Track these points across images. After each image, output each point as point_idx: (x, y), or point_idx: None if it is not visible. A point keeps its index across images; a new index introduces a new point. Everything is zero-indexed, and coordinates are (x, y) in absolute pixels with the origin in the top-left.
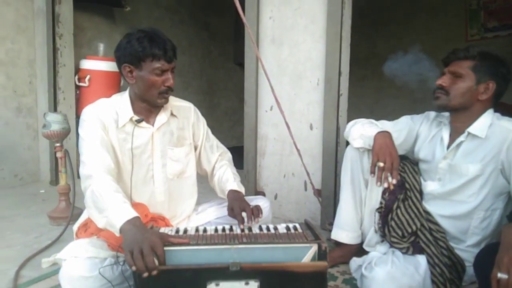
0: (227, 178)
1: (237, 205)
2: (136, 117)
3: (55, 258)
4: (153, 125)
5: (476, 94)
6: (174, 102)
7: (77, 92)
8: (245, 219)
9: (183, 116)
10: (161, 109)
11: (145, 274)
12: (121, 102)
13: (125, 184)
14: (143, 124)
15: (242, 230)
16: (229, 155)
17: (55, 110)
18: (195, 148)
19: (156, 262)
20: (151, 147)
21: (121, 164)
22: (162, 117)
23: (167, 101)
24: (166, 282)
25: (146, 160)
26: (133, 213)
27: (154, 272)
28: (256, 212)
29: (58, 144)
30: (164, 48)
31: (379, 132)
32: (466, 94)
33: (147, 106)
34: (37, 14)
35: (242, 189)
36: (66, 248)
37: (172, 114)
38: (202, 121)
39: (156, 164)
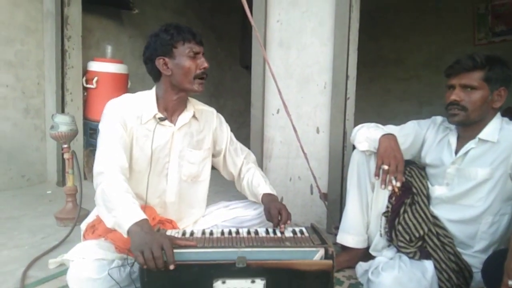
0: (258, 182)
1: (273, 207)
2: (159, 115)
3: (62, 259)
4: (175, 124)
5: (491, 103)
6: (197, 105)
7: (85, 93)
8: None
9: (205, 120)
10: (184, 109)
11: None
12: (147, 98)
13: (142, 182)
14: (165, 122)
15: (267, 232)
16: (253, 156)
17: (62, 111)
18: (219, 153)
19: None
20: (170, 145)
21: (139, 161)
22: (184, 117)
23: (203, 88)
24: (174, 280)
25: (163, 158)
26: (142, 215)
27: (172, 267)
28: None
29: (65, 146)
30: (191, 31)
31: (384, 135)
32: (483, 106)
33: (179, 100)
34: (46, 16)
35: (273, 191)
36: (74, 249)
37: (194, 117)
38: (226, 126)
39: (172, 163)
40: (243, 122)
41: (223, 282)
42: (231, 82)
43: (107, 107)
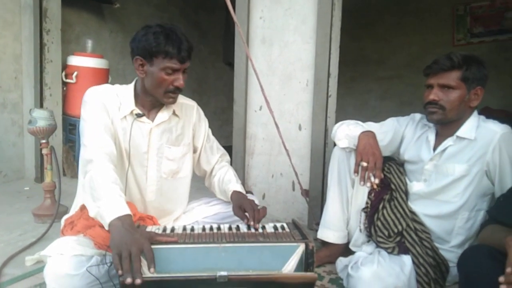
0: (229, 179)
1: (248, 203)
2: (137, 111)
3: (40, 254)
4: (153, 120)
5: (468, 102)
6: (178, 99)
7: (64, 88)
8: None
9: (185, 114)
10: (164, 106)
11: (128, 280)
12: (125, 92)
13: (120, 179)
14: (143, 119)
15: (249, 228)
16: (228, 157)
17: (41, 106)
18: (196, 149)
19: (145, 264)
20: (147, 142)
21: (118, 156)
22: (163, 114)
23: (175, 101)
24: None
25: (141, 155)
26: (126, 210)
27: (138, 281)
28: (263, 213)
29: (44, 141)
30: (178, 47)
31: (363, 132)
32: (460, 105)
33: (153, 101)
34: (24, 9)
35: (243, 191)
36: (52, 245)
37: (174, 114)
38: (204, 121)
39: (151, 160)
40: (226, 119)
41: None
42: (214, 80)
43: (89, 94)
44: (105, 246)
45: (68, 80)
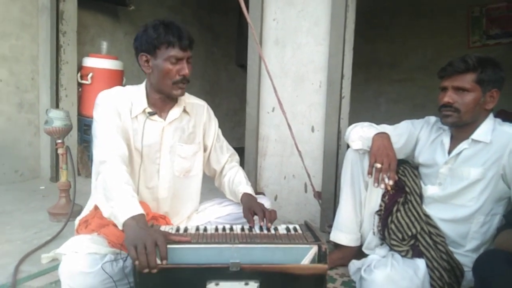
0: (240, 181)
1: (257, 205)
2: (149, 109)
3: (55, 252)
4: (165, 119)
5: (483, 105)
6: (188, 99)
7: (79, 89)
8: (257, 220)
9: (196, 113)
10: (175, 104)
11: (146, 270)
12: (137, 92)
13: (132, 178)
14: (155, 117)
15: (261, 229)
16: (237, 157)
17: (57, 106)
18: (206, 149)
19: (158, 260)
20: (160, 141)
21: (130, 155)
22: (175, 112)
23: (183, 92)
24: (167, 281)
25: (153, 154)
26: (139, 210)
27: (154, 270)
28: (274, 215)
29: (59, 141)
30: (179, 35)
31: (377, 134)
32: (475, 107)
33: (162, 98)
34: (41, 11)
35: (253, 193)
36: (67, 243)
37: (185, 111)
38: (214, 121)
39: (163, 159)
40: (238, 121)
41: (217, 284)
42: (226, 82)
43: (100, 98)
44: (119, 244)
45: (83, 81)
